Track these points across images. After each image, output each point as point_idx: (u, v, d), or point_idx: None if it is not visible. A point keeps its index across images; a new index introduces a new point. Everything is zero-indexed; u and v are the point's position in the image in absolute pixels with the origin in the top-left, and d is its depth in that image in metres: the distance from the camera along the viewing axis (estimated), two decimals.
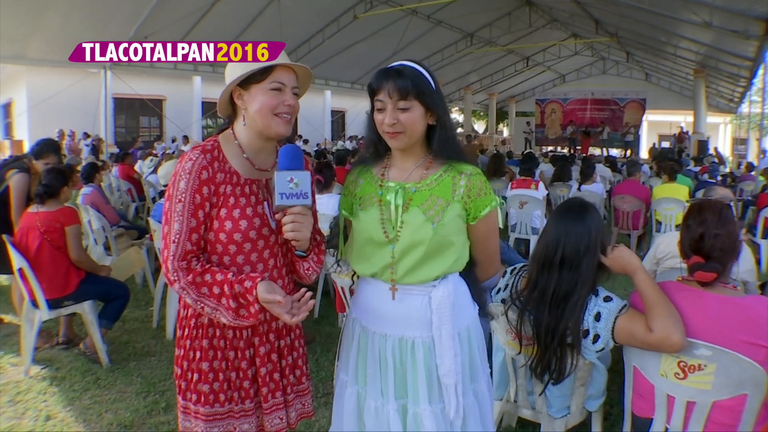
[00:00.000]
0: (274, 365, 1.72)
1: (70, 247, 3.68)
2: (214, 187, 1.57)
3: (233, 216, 1.58)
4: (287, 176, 1.52)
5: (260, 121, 1.59)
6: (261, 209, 1.63)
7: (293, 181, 1.52)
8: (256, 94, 1.59)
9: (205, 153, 1.58)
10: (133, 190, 9.00)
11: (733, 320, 1.92)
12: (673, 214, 6.96)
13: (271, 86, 1.58)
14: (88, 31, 12.73)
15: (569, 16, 18.86)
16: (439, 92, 1.66)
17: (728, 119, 27.86)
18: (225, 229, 1.58)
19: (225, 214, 1.58)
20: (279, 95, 1.59)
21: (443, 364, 1.64)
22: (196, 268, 1.53)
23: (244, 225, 1.59)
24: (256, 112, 1.59)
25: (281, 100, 1.59)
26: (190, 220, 1.54)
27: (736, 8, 9.95)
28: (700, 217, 2.00)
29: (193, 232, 1.55)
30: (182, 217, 1.53)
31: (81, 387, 3.44)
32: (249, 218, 1.60)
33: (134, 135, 19.33)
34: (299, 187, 1.52)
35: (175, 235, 1.53)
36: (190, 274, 1.52)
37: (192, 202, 1.54)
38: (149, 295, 5.18)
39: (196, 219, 1.55)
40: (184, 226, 1.53)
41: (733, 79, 17.56)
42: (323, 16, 16.62)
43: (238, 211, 1.59)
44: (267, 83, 1.58)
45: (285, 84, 1.60)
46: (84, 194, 5.78)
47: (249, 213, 1.60)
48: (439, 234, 1.62)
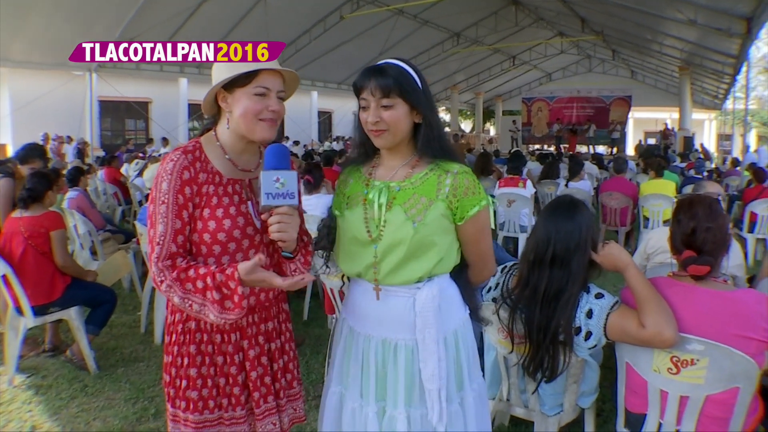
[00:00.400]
0: (265, 369, 1.69)
1: (55, 252, 3.62)
2: (196, 188, 1.55)
3: (216, 216, 1.56)
4: (273, 176, 1.49)
5: (244, 125, 1.57)
6: (245, 208, 1.61)
7: (279, 181, 1.49)
8: (240, 97, 1.56)
9: (186, 153, 1.56)
10: (120, 194, 8.91)
11: (725, 314, 1.93)
12: (660, 210, 7.00)
13: (255, 91, 1.55)
14: (73, 32, 12.59)
15: (555, 15, 18.96)
16: (425, 90, 1.63)
17: (713, 115, 28.14)
18: (208, 229, 1.55)
19: (208, 214, 1.55)
20: (263, 100, 1.57)
21: (426, 369, 1.60)
22: (180, 265, 1.50)
23: (228, 224, 1.56)
24: (239, 117, 1.56)
25: (265, 105, 1.57)
26: (174, 221, 1.52)
27: (720, 6, 10.06)
28: (691, 212, 2.00)
29: (177, 233, 1.52)
30: (166, 219, 1.51)
31: (68, 395, 3.38)
32: (232, 217, 1.57)
33: (121, 138, 19.13)
34: (285, 187, 1.49)
35: (159, 237, 1.51)
36: (175, 271, 1.49)
37: (175, 203, 1.52)
38: (136, 299, 5.12)
39: (180, 220, 1.53)
40: (168, 227, 1.51)
41: (718, 76, 17.75)
42: (310, 17, 16.59)
43: (222, 210, 1.56)
44: (251, 87, 1.56)
45: (269, 88, 1.58)
46: (69, 198, 5.71)
47: (232, 212, 1.58)
48: (420, 233, 1.59)
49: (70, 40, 13.58)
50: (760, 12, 9.43)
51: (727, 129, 23.80)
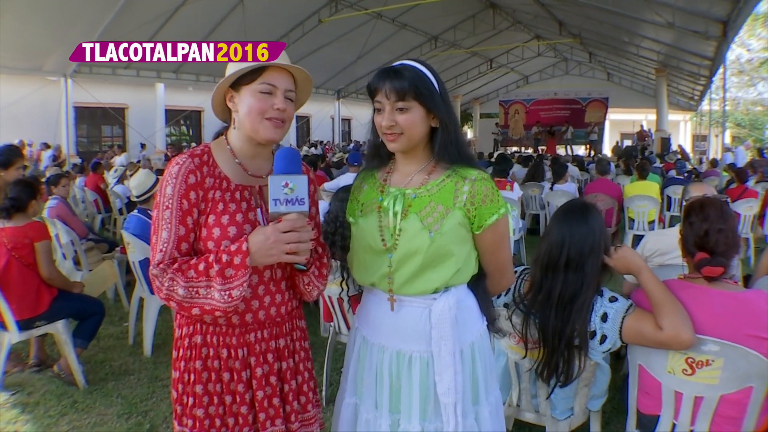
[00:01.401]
0: (273, 389, 1.59)
1: (40, 264, 3.48)
2: (202, 193, 1.49)
3: (221, 222, 1.49)
4: (282, 180, 1.41)
5: (249, 124, 1.51)
6: (253, 216, 1.54)
7: (288, 186, 1.41)
8: (245, 96, 1.51)
9: (192, 157, 1.50)
10: (99, 201, 8.72)
11: (738, 314, 1.94)
12: (645, 211, 7.08)
13: (261, 88, 1.50)
14: (48, 37, 12.37)
15: (533, 18, 19.15)
16: (443, 93, 1.58)
17: (688, 117, 28.66)
18: (213, 236, 1.48)
19: (213, 220, 1.49)
20: (268, 98, 1.51)
21: (442, 382, 1.55)
22: (180, 258, 1.44)
23: (233, 232, 1.49)
24: (244, 115, 1.51)
25: (270, 104, 1.51)
26: (179, 227, 1.45)
27: (697, 9, 10.25)
28: (703, 214, 2.00)
29: (181, 240, 1.46)
30: (170, 225, 1.45)
31: (57, 412, 3.25)
32: (239, 225, 1.50)
33: (97, 145, 18.80)
34: (295, 193, 1.41)
35: (162, 243, 1.44)
36: (176, 263, 1.43)
37: (179, 208, 1.45)
38: (122, 310, 5.01)
39: (185, 226, 1.46)
40: (171, 234, 1.45)
41: (694, 77, 18.09)
42: (288, 21, 16.52)
43: (227, 217, 1.49)
44: (256, 84, 1.50)
45: (276, 86, 1.52)
46: (49, 207, 5.54)
47: (239, 219, 1.50)
48: (436, 243, 1.52)
49: (45, 45, 13.49)
50: (735, 16, 9.62)
51: (703, 130, 24.26)
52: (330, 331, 3.41)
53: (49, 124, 15.30)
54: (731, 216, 2.02)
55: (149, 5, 13.20)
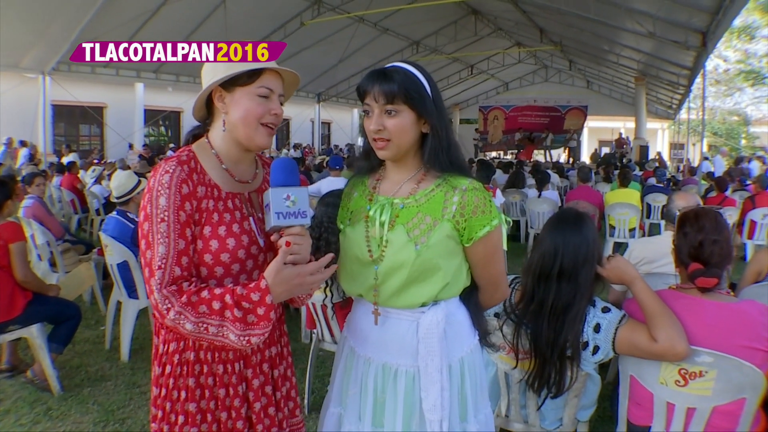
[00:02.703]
0: (269, 399, 1.55)
1: (15, 266, 3.36)
2: (196, 203, 1.40)
3: (219, 234, 1.41)
4: (283, 193, 1.36)
5: (243, 129, 1.44)
6: (248, 225, 1.47)
7: (290, 199, 1.36)
8: (240, 98, 1.44)
9: (181, 165, 1.41)
10: (77, 201, 8.54)
11: (731, 325, 1.94)
12: (626, 219, 7.15)
13: (259, 91, 1.44)
14: (27, 33, 12.09)
15: (514, 25, 19.28)
16: (435, 98, 1.51)
17: (666, 125, 29.12)
18: (210, 249, 1.40)
19: (209, 232, 1.41)
20: (266, 103, 1.45)
21: (428, 398, 1.49)
22: (188, 289, 1.33)
23: (232, 244, 1.42)
24: (239, 119, 1.44)
25: (268, 109, 1.45)
26: (178, 241, 1.36)
27: (677, 20, 10.40)
28: (698, 224, 2.00)
29: (182, 255, 1.36)
30: (168, 239, 1.35)
31: (30, 420, 3.14)
32: (236, 236, 1.43)
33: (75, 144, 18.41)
34: (297, 205, 1.36)
35: (160, 260, 1.34)
36: (184, 295, 1.32)
37: (177, 220, 1.36)
38: (98, 313, 4.88)
39: (184, 239, 1.37)
40: (170, 248, 1.35)
41: (673, 86, 18.38)
42: (270, 22, 16.35)
43: (224, 228, 1.42)
44: (254, 87, 1.44)
45: (273, 90, 1.47)
46: (25, 207, 5.40)
47: (236, 230, 1.44)
48: (423, 257, 1.46)
49: (23, 41, 13.19)
50: (714, 27, 9.79)
51: (681, 138, 24.67)
52: (313, 338, 3.36)
53: (26, 122, 14.90)
54: (725, 227, 2.02)
55: (130, 3, 12.97)
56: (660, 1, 10.14)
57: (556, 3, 11.98)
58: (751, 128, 33.99)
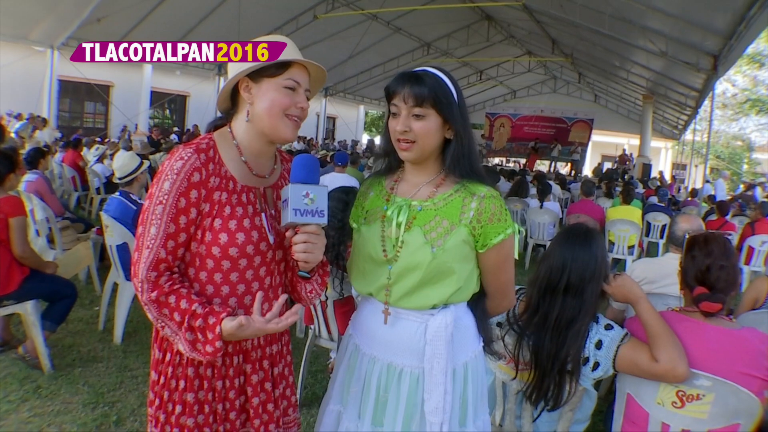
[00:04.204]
0: (269, 395, 1.55)
1: (13, 240, 3.33)
2: (205, 192, 1.40)
3: (229, 228, 1.41)
4: (302, 190, 1.36)
5: (268, 120, 1.45)
6: (259, 221, 1.47)
7: (309, 196, 1.36)
8: (267, 89, 1.44)
9: (198, 153, 1.41)
10: (77, 179, 8.51)
11: (732, 351, 1.93)
12: (626, 236, 7.15)
13: (286, 83, 1.45)
14: (38, 5, 12.00)
15: (527, 34, 19.29)
16: (461, 104, 1.54)
17: (670, 145, 29.16)
18: (219, 242, 1.40)
19: (219, 225, 1.41)
20: (293, 95, 1.46)
21: (431, 400, 1.51)
22: (163, 286, 1.36)
23: (242, 239, 1.42)
24: (264, 110, 1.44)
25: (294, 101, 1.46)
26: (169, 224, 1.37)
27: (690, 41, 10.41)
28: (707, 249, 2.00)
29: (169, 238, 1.38)
30: (161, 221, 1.37)
31: (18, 397, 3.11)
32: (247, 231, 1.43)
33: (79, 120, 18.36)
34: (315, 204, 1.37)
35: (149, 240, 1.37)
36: (155, 291, 1.36)
37: (175, 205, 1.37)
38: (93, 293, 4.87)
39: (175, 224, 1.38)
40: (160, 230, 1.37)
41: (680, 107, 18.41)
42: (283, 14, 16.36)
43: (235, 222, 1.42)
44: (282, 79, 1.44)
45: (300, 83, 1.47)
46: (28, 181, 5.36)
47: (246, 225, 1.43)
48: (438, 259, 1.48)
49: (33, 13, 13.14)
50: (727, 51, 9.79)
51: (683, 159, 24.69)
52: (309, 333, 3.34)
53: (31, 96, 14.85)
54: (733, 253, 2.03)
55: None
56: (674, 21, 10.16)
57: (571, 15, 11.97)
58: (753, 154, 34.05)
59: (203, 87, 19.25)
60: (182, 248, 1.41)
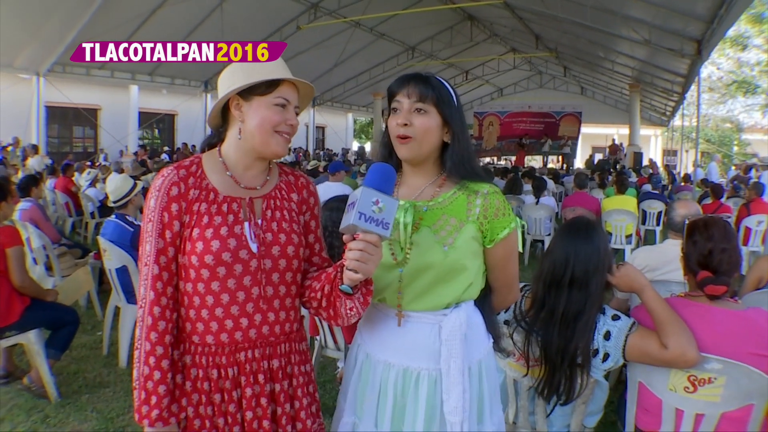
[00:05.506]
0: (264, 411, 1.50)
1: (12, 271, 3.30)
2: (186, 204, 1.44)
3: (205, 236, 1.42)
4: (374, 196, 1.31)
5: (259, 137, 1.46)
6: (239, 229, 1.46)
7: (378, 204, 1.30)
8: (258, 107, 1.46)
9: (179, 169, 1.47)
10: (71, 204, 8.47)
11: (740, 333, 1.95)
12: (623, 225, 7.17)
13: (276, 101, 1.46)
14: (21, 32, 12.02)
15: (510, 31, 19.39)
16: (459, 110, 1.58)
17: (660, 132, 29.31)
18: (196, 250, 1.42)
19: (197, 234, 1.43)
20: (282, 112, 1.47)
21: (450, 400, 1.50)
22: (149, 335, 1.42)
23: (216, 246, 1.41)
24: (255, 127, 1.46)
25: (284, 118, 1.47)
26: (158, 240, 1.43)
27: (672, 28, 10.48)
28: (708, 233, 2.02)
29: (160, 254, 1.43)
30: (152, 238, 1.43)
31: (27, 428, 3.08)
32: (222, 238, 1.42)
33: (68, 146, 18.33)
34: (383, 214, 1.30)
35: (146, 257, 1.44)
36: (153, 332, 1.42)
37: (160, 221, 1.43)
38: (95, 318, 4.83)
39: (163, 240, 1.43)
40: (152, 247, 1.43)
41: (667, 94, 18.53)
42: (266, 26, 16.38)
43: (211, 230, 1.43)
44: (272, 97, 1.46)
45: (289, 101, 1.49)
46: (22, 210, 5.33)
47: (223, 233, 1.43)
48: (450, 257, 1.49)
49: (17, 41, 13.10)
50: (709, 36, 9.86)
51: (674, 145, 24.83)
52: (315, 344, 3.33)
53: (20, 124, 14.82)
54: (734, 236, 2.05)
55: (127, 5, 12.99)
56: (656, 9, 10.24)
57: (552, 10, 12.06)
58: (743, 135, 34.25)
59: (191, 105, 19.25)
60: (174, 263, 1.45)
